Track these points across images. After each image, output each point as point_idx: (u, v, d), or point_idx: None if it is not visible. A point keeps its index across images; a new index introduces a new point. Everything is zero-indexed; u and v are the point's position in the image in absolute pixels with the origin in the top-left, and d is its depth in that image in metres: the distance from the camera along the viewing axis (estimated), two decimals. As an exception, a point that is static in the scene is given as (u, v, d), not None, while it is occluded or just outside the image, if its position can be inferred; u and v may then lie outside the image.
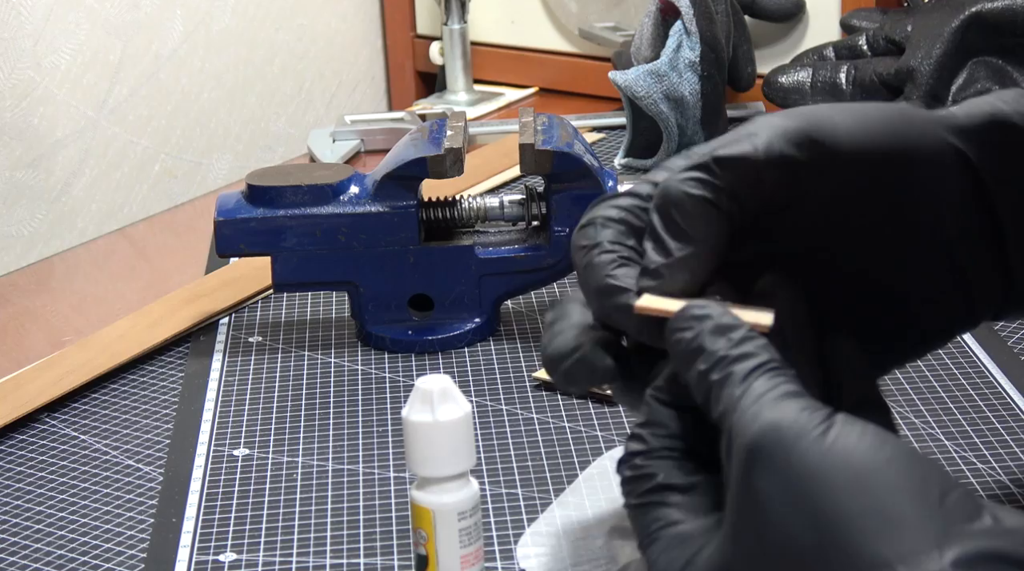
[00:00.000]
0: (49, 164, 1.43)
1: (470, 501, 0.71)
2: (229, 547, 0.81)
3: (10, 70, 1.39)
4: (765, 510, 0.58)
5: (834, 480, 0.57)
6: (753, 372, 0.61)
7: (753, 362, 0.62)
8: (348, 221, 1.00)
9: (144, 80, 1.50)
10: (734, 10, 1.37)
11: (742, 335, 0.63)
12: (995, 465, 0.84)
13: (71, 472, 0.89)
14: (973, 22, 1.26)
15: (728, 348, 0.62)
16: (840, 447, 0.57)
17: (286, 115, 1.65)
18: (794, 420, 0.59)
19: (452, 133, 1.01)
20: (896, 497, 0.56)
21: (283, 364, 1.01)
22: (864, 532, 0.56)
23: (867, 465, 0.57)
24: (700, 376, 0.62)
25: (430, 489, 0.71)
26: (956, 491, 0.57)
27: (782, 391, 0.60)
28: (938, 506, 0.56)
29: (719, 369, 0.62)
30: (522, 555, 0.77)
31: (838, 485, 0.57)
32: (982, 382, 0.93)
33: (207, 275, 1.15)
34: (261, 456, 0.90)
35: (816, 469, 0.57)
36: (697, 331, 0.63)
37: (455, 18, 1.56)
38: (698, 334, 0.63)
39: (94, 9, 1.45)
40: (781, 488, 0.58)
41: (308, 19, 1.65)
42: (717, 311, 0.64)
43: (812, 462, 0.57)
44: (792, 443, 0.58)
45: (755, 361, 0.62)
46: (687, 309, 0.64)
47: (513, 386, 0.96)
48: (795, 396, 0.60)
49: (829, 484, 0.57)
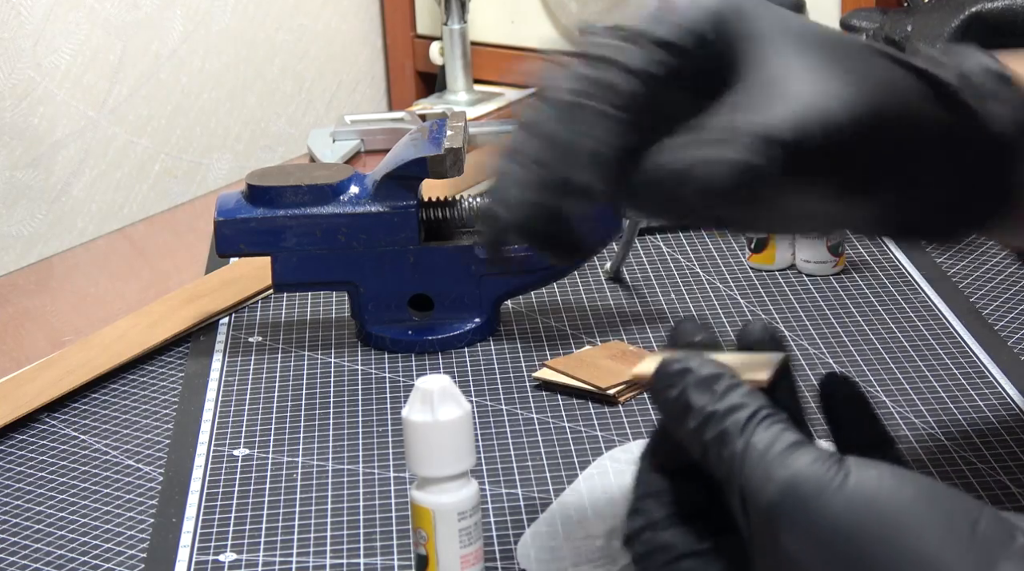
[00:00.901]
0: (49, 164, 1.43)
1: (470, 501, 0.71)
2: (229, 547, 0.81)
3: (10, 70, 1.39)
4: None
5: (863, 530, 0.56)
6: (748, 424, 0.60)
7: (744, 413, 0.60)
8: (348, 221, 1.00)
9: (144, 80, 1.50)
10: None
11: (726, 385, 0.61)
12: (995, 465, 0.84)
13: (71, 472, 0.89)
14: (973, 22, 1.26)
15: (715, 402, 0.61)
16: (861, 495, 0.57)
17: (286, 115, 1.65)
18: (810, 474, 0.58)
19: (452, 133, 1.01)
20: (927, 537, 0.56)
21: (283, 364, 1.01)
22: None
23: (892, 509, 0.56)
24: (693, 435, 0.61)
25: (430, 489, 0.71)
26: (985, 516, 0.56)
27: (786, 442, 0.59)
28: (970, 537, 0.56)
29: (712, 426, 0.61)
30: (522, 555, 0.77)
31: (868, 535, 0.56)
32: (982, 382, 0.93)
33: (207, 275, 1.15)
34: (261, 456, 0.90)
35: (842, 522, 0.57)
36: (680, 388, 0.62)
37: (455, 18, 1.56)
38: (683, 391, 0.62)
39: (94, 9, 1.45)
40: (811, 547, 0.57)
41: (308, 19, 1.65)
42: (696, 362, 0.62)
43: (837, 515, 0.57)
44: (813, 499, 0.57)
45: (746, 412, 0.60)
46: (666, 366, 0.63)
47: (513, 386, 0.96)
48: (800, 446, 0.59)
49: (858, 535, 0.56)
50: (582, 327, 1.03)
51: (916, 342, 0.99)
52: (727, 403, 0.61)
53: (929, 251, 1.12)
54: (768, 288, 1.08)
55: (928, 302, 1.05)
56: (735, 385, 0.61)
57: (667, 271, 1.12)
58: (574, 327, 1.03)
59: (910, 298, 1.05)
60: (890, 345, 0.99)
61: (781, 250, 1.10)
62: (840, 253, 1.10)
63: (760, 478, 0.59)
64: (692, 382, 0.62)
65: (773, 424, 0.60)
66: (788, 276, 1.10)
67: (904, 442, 0.86)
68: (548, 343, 1.01)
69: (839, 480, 0.57)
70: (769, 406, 0.61)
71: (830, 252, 1.09)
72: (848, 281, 1.08)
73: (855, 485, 0.57)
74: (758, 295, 1.07)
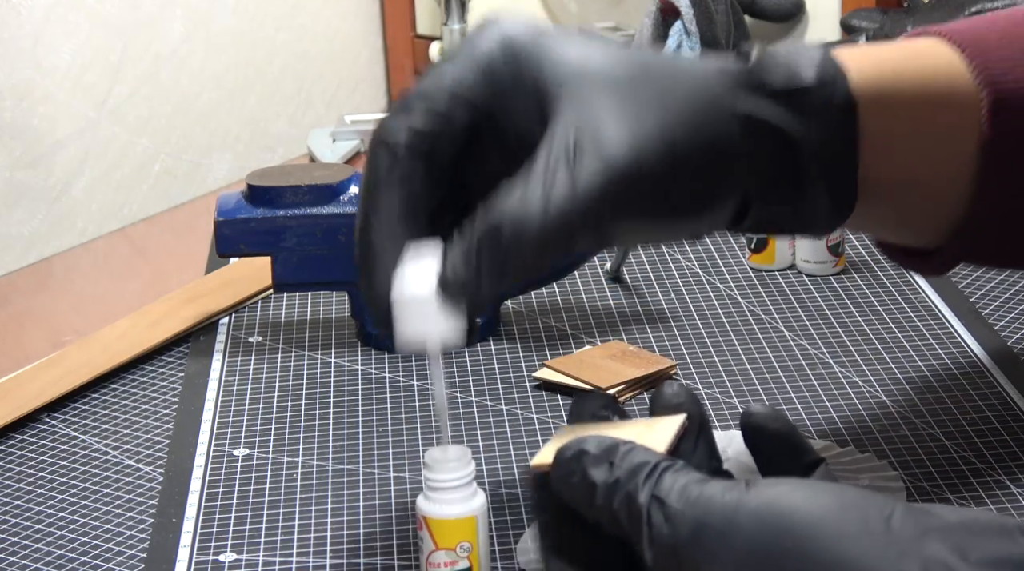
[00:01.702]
0: (49, 164, 1.43)
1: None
2: (229, 547, 0.81)
3: (10, 70, 1.39)
4: None
5: (781, 547, 0.56)
6: (649, 478, 0.60)
7: (645, 471, 0.61)
8: (348, 221, 1.00)
9: (144, 80, 1.50)
10: (734, 10, 1.37)
11: (623, 452, 0.62)
12: (995, 465, 0.84)
13: (71, 472, 0.89)
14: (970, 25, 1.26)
15: (615, 472, 0.61)
16: (772, 513, 0.57)
17: (286, 115, 1.65)
18: (718, 504, 0.58)
19: (452, 133, 1.01)
20: (844, 541, 0.56)
21: (283, 364, 1.01)
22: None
23: (804, 520, 0.57)
24: (602, 510, 0.62)
25: (460, 495, 0.71)
26: (897, 511, 0.57)
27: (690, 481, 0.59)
28: (886, 533, 0.56)
29: (617, 494, 0.61)
30: (522, 555, 0.77)
31: (786, 550, 0.56)
32: (982, 382, 0.93)
33: (207, 275, 1.15)
34: (261, 456, 0.90)
35: (758, 543, 0.57)
36: (580, 471, 0.62)
37: (455, 18, 1.56)
38: (583, 473, 0.62)
39: (94, 9, 1.45)
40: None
41: (308, 19, 1.65)
42: (590, 443, 0.63)
43: (751, 538, 0.57)
44: (725, 528, 0.58)
45: (646, 469, 0.61)
46: (561, 454, 0.63)
47: (513, 386, 0.96)
48: (704, 482, 0.59)
49: (777, 552, 0.56)
50: (582, 327, 1.03)
51: (916, 342, 0.99)
52: (626, 468, 0.61)
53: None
54: (768, 288, 1.08)
55: (928, 302, 1.05)
56: (631, 450, 0.62)
57: (667, 271, 1.12)
58: (574, 327, 1.03)
59: (910, 298, 1.05)
60: (890, 345, 0.99)
61: (781, 250, 1.10)
62: (840, 253, 1.10)
63: (669, 524, 0.59)
64: (589, 461, 0.62)
65: (676, 472, 0.61)
66: (788, 276, 1.10)
67: (904, 442, 0.86)
68: (548, 343, 1.01)
69: (747, 502, 0.58)
70: (668, 458, 0.62)
71: (830, 252, 1.09)
72: (848, 281, 1.08)
73: (764, 503, 0.57)
74: (758, 295, 1.07)
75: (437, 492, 0.70)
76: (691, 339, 1.01)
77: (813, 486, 0.58)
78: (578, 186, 0.65)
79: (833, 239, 1.09)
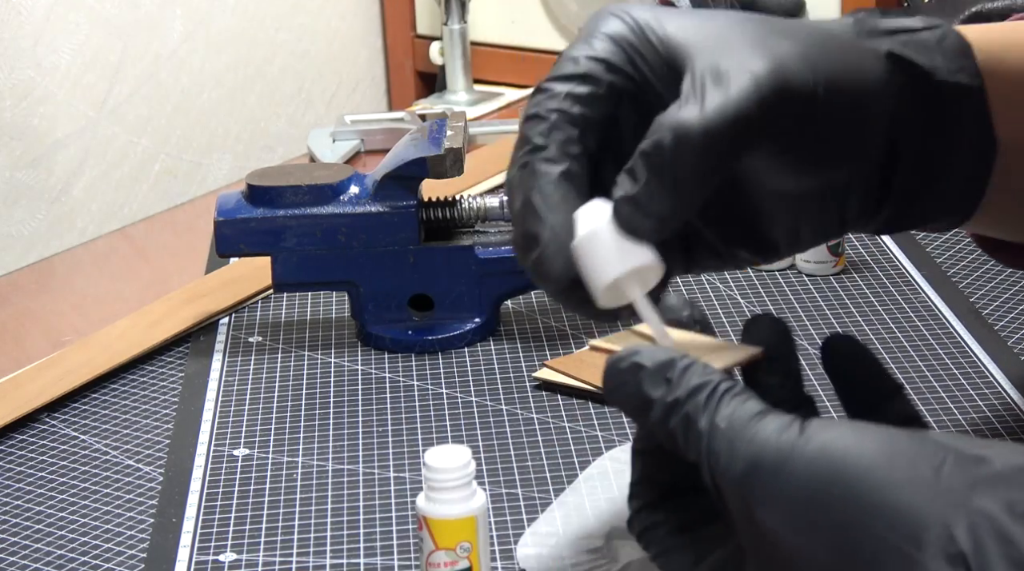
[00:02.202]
0: (49, 164, 1.43)
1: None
2: (229, 547, 0.81)
3: (10, 70, 1.39)
4: (779, 546, 0.58)
5: (830, 493, 0.57)
6: (708, 402, 0.60)
7: (704, 394, 0.60)
8: (348, 221, 1.00)
9: (144, 80, 1.50)
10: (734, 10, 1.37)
11: (681, 369, 0.61)
12: (995, 465, 0.84)
13: (71, 472, 0.89)
14: (973, 22, 1.26)
15: (673, 391, 0.61)
16: (824, 458, 0.57)
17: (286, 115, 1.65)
18: (772, 445, 0.58)
19: (452, 133, 1.01)
20: (893, 489, 0.56)
21: (283, 364, 1.01)
22: (874, 538, 0.56)
23: (855, 467, 0.57)
24: (658, 426, 0.61)
25: (459, 495, 0.71)
26: (949, 459, 0.57)
27: (748, 414, 0.59)
28: (935, 482, 0.56)
29: (675, 415, 0.61)
30: (522, 555, 0.77)
31: (835, 496, 0.57)
32: (982, 382, 0.93)
33: (207, 275, 1.15)
34: (261, 456, 0.90)
35: (809, 488, 0.57)
36: (634, 384, 0.62)
37: (455, 18, 1.56)
38: (637, 387, 0.62)
39: (94, 9, 1.45)
40: (784, 516, 0.57)
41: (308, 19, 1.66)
42: (645, 354, 0.62)
43: (802, 482, 0.57)
44: (778, 470, 0.58)
45: (706, 391, 0.61)
46: (615, 364, 0.63)
47: (513, 386, 0.96)
48: (762, 417, 0.59)
49: (826, 498, 0.57)
50: (582, 327, 1.03)
51: (916, 342, 0.99)
52: (685, 388, 0.61)
53: (929, 251, 1.12)
54: (768, 288, 1.08)
55: (928, 302, 1.05)
56: (689, 366, 0.62)
57: (667, 271, 1.12)
58: (574, 327, 1.03)
59: (910, 298, 1.05)
60: (890, 345, 0.99)
61: (781, 250, 1.10)
62: (840, 253, 1.10)
63: (725, 456, 0.59)
64: (645, 376, 0.62)
65: (734, 397, 0.60)
66: (788, 276, 1.10)
67: (904, 442, 0.86)
68: (548, 343, 1.01)
69: (800, 446, 0.58)
70: (728, 379, 0.61)
71: (830, 252, 1.09)
72: (848, 281, 1.08)
73: (816, 449, 0.57)
74: (758, 295, 1.07)
75: (437, 492, 0.70)
76: (691, 339, 1.01)
77: (866, 430, 0.58)
78: (730, 93, 0.65)
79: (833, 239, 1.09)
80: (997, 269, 1.09)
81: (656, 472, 0.65)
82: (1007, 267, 0.96)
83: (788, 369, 0.67)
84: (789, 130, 0.67)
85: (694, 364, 0.62)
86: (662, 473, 0.65)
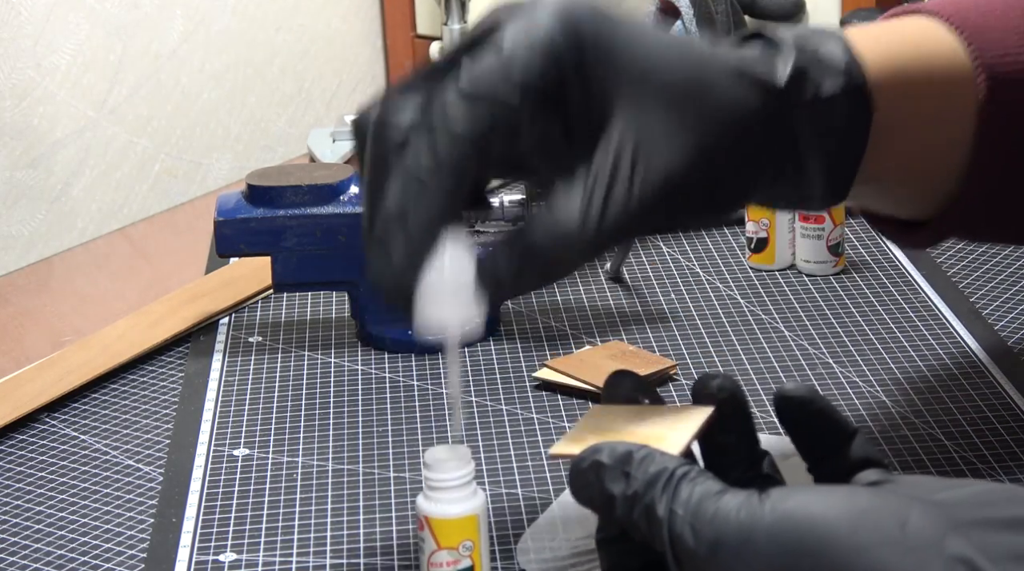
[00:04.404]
0: (49, 164, 1.43)
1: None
2: (229, 547, 0.81)
3: (10, 70, 1.39)
4: None
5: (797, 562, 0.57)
6: (665, 490, 0.61)
7: (660, 483, 0.61)
8: (348, 221, 1.00)
9: (144, 80, 1.50)
10: (734, 10, 1.37)
11: (638, 461, 0.62)
12: (995, 465, 0.84)
13: (71, 472, 0.89)
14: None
15: (632, 485, 0.62)
16: (787, 529, 0.57)
17: (286, 115, 1.65)
18: (734, 523, 0.58)
19: (452, 133, 1.01)
20: (860, 551, 0.56)
21: (283, 364, 1.01)
22: None
23: (819, 533, 0.57)
24: (624, 520, 0.62)
25: (461, 494, 0.71)
26: (913, 511, 0.57)
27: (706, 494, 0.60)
28: (903, 539, 0.56)
29: (636, 507, 0.61)
30: (522, 555, 0.77)
31: (803, 565, 0.57)
32: (982, 382, 0.93)
33: (207, 275, 1.15)
34: (261, 456, 0.90)
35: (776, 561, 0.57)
36: (597, 483, 0.63)
37: (455, 18, 1.56)
38: (600, 486, 0.63)
39: (94, 9, 1.45)
40: None
41: (308, 19, 1.66)
42: (604, 452, 0.63)
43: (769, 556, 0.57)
44: (742, 547, 0.58)
45: (662, 481, 0.61)
46: (577, 466, 0.64)
47: (513, 386, 0.96)
48: (720, 497, 0.60)
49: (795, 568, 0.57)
50: (582, 327, 1.03)
51: (916, 342, 0.99)
52: (642, 479, 0.62)
53: (929, 251, 1.12)
54: (768, 288, 1.08)
55: (928, 302, 1.05)
56: (645, 457, 0.62)
57: (667, 271, 1.12)
58: (574, 327, 1.03)
59: (910, 298, 1.05)
60: (890, 345, 0.99)
61: (781, 250, 1.10)
62: (840, 253, 1.10)
63: (689, 540, 0.59)
64: (606, 473, 0.63)
65: (691, 480, 0.61)
66: (788, 276, 1.10)
67: (904, 442, 0.86)
68: (548, 343, 1.01)
69: (761, 519, 0.58)
70: (685, 463, 0.62)
71: (830, 252, 1.09)
72: (848, 281, 1.08)
73: (778, 520, 0.58)
74: (758, 295, 1.07)
75: (438, 491, 0.70)
76: (691, 339, 1.01)
77: (827, 494, 0.58)
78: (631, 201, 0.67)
79: (833, 239, 1.09)
80: (997, 269, 1.09)
81: (626, 559, 0.65)
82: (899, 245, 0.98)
83: (742, 427, 0.67)
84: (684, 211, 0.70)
85: (650, 454, 0.62)
86: (632, 559, 0.65)
